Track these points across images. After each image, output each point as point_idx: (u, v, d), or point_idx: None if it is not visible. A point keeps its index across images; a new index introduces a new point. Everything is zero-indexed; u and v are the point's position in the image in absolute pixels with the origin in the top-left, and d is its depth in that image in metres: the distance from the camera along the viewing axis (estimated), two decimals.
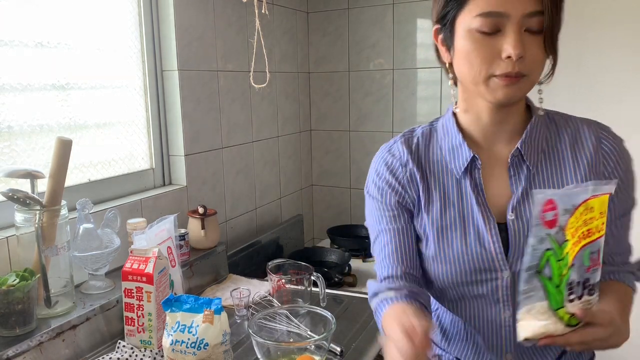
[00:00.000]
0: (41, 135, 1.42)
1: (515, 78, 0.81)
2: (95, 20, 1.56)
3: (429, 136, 0.97)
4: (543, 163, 0.90)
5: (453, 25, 0.85)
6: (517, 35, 0.79)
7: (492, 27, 0.80)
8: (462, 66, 0.85)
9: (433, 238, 0.93)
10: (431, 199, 0.93)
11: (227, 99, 2.00)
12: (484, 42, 0.81)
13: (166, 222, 1.42)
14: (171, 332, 1.12)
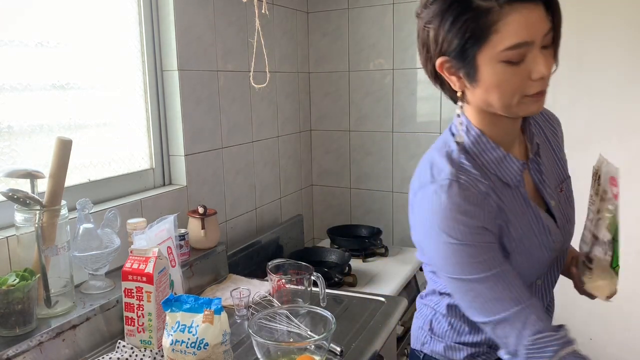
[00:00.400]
0: (41, 135, 1.42)
1: (543, 91, 0.86)
2: (95, 20, 1.56)
3: (469, 158, 0.93)
4: (545, 150, 1.03)
5: (474, 60, 0.84)
6: (544, 56, 0.82)
7: (520, 57, 0.82)
8: (491, 95, 0.86)
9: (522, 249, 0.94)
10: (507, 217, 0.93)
11: (227, 99, 2.00)
12: (514, 70, 0.82)
13: (166, 222, 1.42)
14: (171, 332, 1.12)
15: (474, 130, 0.94)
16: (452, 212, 0.87)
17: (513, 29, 0.80)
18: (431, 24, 0.87)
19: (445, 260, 0.90)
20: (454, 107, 0.97)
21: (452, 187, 0.87)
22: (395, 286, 1.92)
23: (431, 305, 1.12)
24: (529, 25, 0.80)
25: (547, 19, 0.81)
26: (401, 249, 2.33)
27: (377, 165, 2.52)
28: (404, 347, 1.88)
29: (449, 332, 1.08)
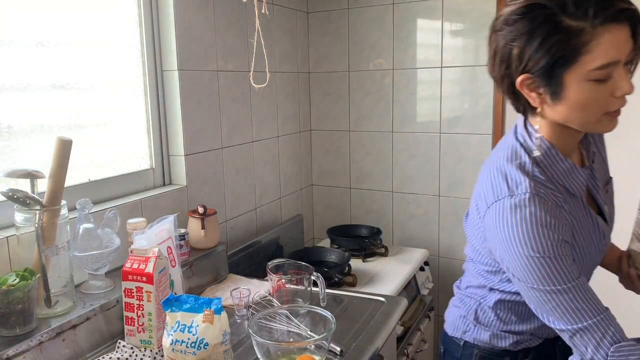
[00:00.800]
0: (41, 135, 1.42)
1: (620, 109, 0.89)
2: (95, 20, 1.56)
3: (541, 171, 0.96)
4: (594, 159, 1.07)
5: (561, 78, 0.86)
6: (626, 74, 0.85)
7: (607, 75, 0.84)
8: (575, 112, 0.89)
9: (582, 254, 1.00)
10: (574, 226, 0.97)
11: (227, 99, 2.00)
12: (600, 89, 0.85)
13: (166, 222, 1.42)
14: (171, 331, 1.12)
15: (544, 144, 0.96)
16: (536, 225, 0.88)
17: (604, 49, 0.81)
18: (515, 42, 0.87)
19: (527, 273, 0.91)
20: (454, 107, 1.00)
21: (534, 200, 0.89)
22: (395, 286, 1.92)
23: (476, 297, 1.15)
24: (618, 45, 0.82)
25: (631, 38, 0.83)
26: (401, 249, 2.33)
27: (377, 165, 2.52)
28: (404, 347, 1.88)
29: (495, 321, 1.12)
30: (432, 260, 2.44)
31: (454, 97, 2.28)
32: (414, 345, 1.96)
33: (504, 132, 2.21)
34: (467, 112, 2.26)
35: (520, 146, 0.98)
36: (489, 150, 2.24)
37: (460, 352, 1.18)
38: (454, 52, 2.27)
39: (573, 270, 0.90)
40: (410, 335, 1.95)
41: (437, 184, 2.40)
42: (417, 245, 2.47)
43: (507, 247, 0.92)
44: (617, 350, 0.87)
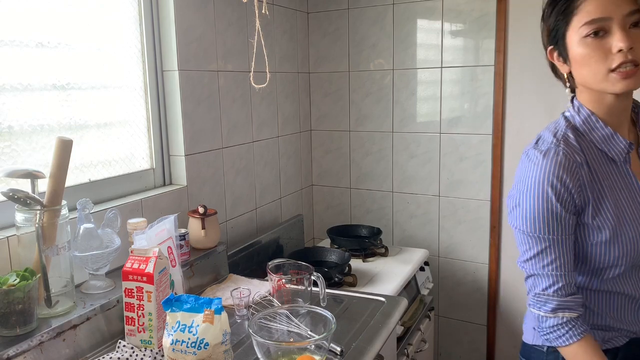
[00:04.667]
0: (41, 135, 1.42)
1: (632, 70, 0.93)
2: (95, 20, 1.56)
3: (577, 134, 1.04)
4: None
5: (564, 40, 1.00)
6: (623, 31, 0.92)
7: (598, 29, 0.94)
8: (582, 70, 0.99)
9: (610, 224, 1.00)
10: (602, 188, 1.02)
11: (227, 99, 2.00)
12: (596, 44, 0.95)
13: (166, 222, 1.42)
14: (171, 331, 1.12)
15: (584, 110, 1.04)
16: (542, 171, 1.00)
17: (590, 8, 0.94)
18: (542, 21, 1.05)
19: (521, 213, 1.02)
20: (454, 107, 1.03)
21: (550, 152, 1.00)
22: (395, 286, 1.92)
23: None
24: (605, 5, 0.93)
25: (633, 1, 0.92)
26: (401, 249, 2.33)
27: (377, 165, 2.52)
28: (404, 347, 1.88)
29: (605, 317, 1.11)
30: (432, 260, 2.44)
31: (454, 97, 2.28)
32: (414, 345, 1.96)
33: (504, 132, 2.22)
34: (467, 112, 2.27)
35: (563, 119, 1.08)
36: (489, 150, 2.25)
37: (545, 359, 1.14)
38: (454, 52, 2.27)
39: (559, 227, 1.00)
40: (410, 335, 1.95)
41: (437, 184, 2.40)
42: (417, 245, 2.47)
43: (516, 185, 1.04)
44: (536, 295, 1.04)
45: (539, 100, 2.13)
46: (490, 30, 2.17)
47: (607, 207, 1.00)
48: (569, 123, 1.05)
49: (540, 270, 1.02)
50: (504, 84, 2.19)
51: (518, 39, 2.13)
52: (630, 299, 1.08)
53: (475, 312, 2.43)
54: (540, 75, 2.11)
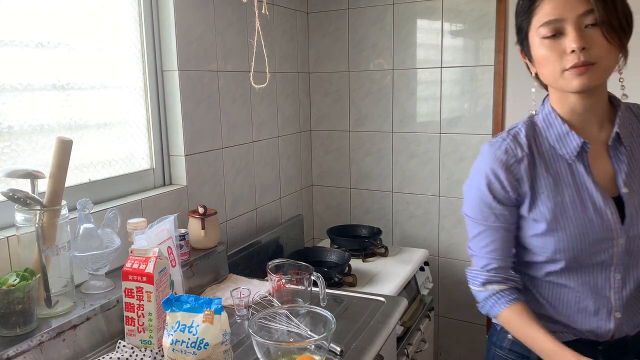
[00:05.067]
0: (41, 135, 1.42)
1: (584, 67, 0.94)
2: (95, 21, 1.56)
3: (533, 130, 1.09)
4: (635, 144, 1.05)
5: (528, 40, 1.02)
6: (576, 32, 0.93)
7: (554, 31, 0.95)
8: (543, 70, 1.01)
9: (546, 219, 1.04)
10: (544, 184, 1.05)
11: (227, 99, 2.00)
12: (553, 45, 0.96)
13: (166, 222, 1.42)
14: (171, 331, 1.12)
15: (547, 108, 1.08)
16: (483, 163, 1.08)
17: (546, 10, 0.96)
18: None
19: (465, 197, 1.13)
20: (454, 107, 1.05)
21: (494, 146, 1.08)
22: (395, 286, 1.92)
23: None
24: (559, 6, 0.94)
25: (587, 1, 0.93)
26: (401, 249, 2.33)
27: (377, 165, 2.52)
28: (404, 347, 1.88)
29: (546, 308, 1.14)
30: (432, 260, 2.44)
31: (454, 97, 2.28)
32: (414, 345, 1.96)
33: None
34: (467, 112, 2.27)
35: (528, 116, 1.12)
36: None
37: (496, 335, 1.20)
38: (454, 52, 2.27)
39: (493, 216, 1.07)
40: (410, 335, 1.95)
41: (437, 184, 2.40)
42: (417, 245, 2.47)
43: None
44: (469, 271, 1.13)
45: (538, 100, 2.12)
46: (490, 30, 2.17)
47: (544, 203, 1.04)
48: (530, 120, 1.10)
49: (478, 251, 1.11)
50: (504, 84, 2.19)
51: None
52: (574, 295, 1.08)
53: (475, 312, 2.42)
54: None
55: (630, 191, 1.03)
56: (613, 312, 1.06)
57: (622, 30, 0.95)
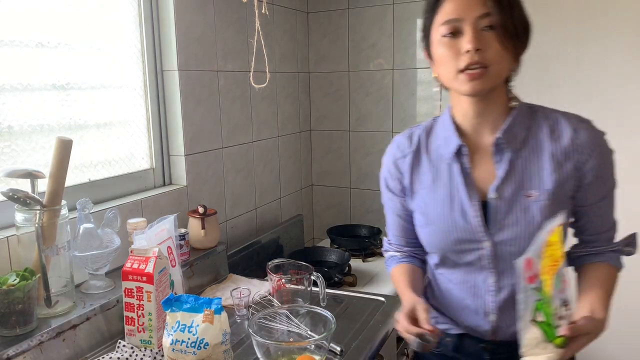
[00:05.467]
0: (41, 135, 1.42)
1: (477, 72, 0.95)
2: (95, 21, 1.56)
3: (430, 129, 1.14)
4: (523, 149, 1.03)
5: (429, 38, 1.03)
6: (473, 33, 0.95)
7: (453, 30, 0.97)
8: (440, 69, 1.02)
9: (425, 211, 1.11)
10: (424, 180, 1.11)
11: (227, 99, 2.00)
12: (450, 44, 0.97)
13: (166, 222, 1.42)
14: (171, 331, 1.12)
15: (446, 110, 1.11)
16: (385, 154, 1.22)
17: (447, 9, 0.97)
18: None
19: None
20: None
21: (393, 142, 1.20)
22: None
23: None
24: (459, 6, 0.96)
25: (484, 3, 0.94)
26: None
27: (377, 165, 2.50)
28: (404, 347, 1.88)
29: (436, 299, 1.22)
30: None
31: None
32: None
33: None
34: None
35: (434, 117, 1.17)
36: None
37: None
38: None
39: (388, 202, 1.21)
40: None
41: None
42: None
43: None
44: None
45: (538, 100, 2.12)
46: None
47: (423, 197, 1.11)
48: (434, 119, 1.15)
49: (387, 225, 1.26)
50: None
51: None
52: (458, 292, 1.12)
53: None
54: (540, 75, 2.11)
55: (499, 197, 1.03)
56: (489, 314, 1.09)
57: (517, 37, 0.97)
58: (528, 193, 1.01)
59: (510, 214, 1.02)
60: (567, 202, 1.03)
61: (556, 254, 0.89)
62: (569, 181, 1.01)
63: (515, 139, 1.03)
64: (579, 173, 1.01)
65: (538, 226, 0.99)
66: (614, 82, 2.04)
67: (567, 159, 1.01)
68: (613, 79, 2.04)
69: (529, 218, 1.01)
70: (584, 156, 1.01)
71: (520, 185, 1.02)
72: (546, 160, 1.02)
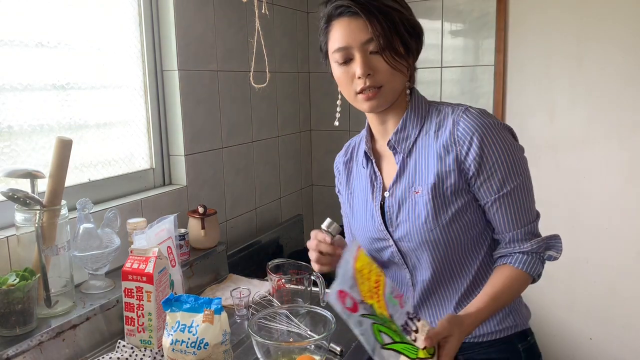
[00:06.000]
0: (41, 135, 1.42)
1: (372, 93, 1.00)
2: (95, 20, 1.56)
3: (360, 137, 1.21)
4: (413, 150, 1.06)
5: (328, 59, 1.07)
6: (361, 59, 0.98)
7: (345, 58, 1.00)
8: (342, 90, 1.08)
9: (351, 213, 1.19)
10: (352, 181, 1.20)
11: (227, 99, 2.00)
12: (345, 69, 1.01)
13: (166, 222, 1.42)
14: (171, 331, 1.12)
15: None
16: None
17: (336, 37, 1.01)
18: None
19: None
20: None
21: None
22: None
23: None
24: (345, 35, 0.99)
25: (367, 29, 0.97)
26: None
27: None
28: None
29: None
30: None
31: (454, 96, 2.28)
32: None
33: None
34: None
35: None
36: None
37: None
38: (454, 52, 2.27)
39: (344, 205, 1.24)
40: None
41: None
42: None
43: None
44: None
45: (539, 100, 2.13)
46: (490, 30, 2.17)
47: (350, 197, 1.19)
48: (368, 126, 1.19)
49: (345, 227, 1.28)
50: (504, 83, 2.19)
51: (518, 39, 2.13)
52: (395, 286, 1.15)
53: None
54: (540, 75, 2.11)
55: (391, 196, 1.07)
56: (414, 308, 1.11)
57: (406, 54, 1.00)
58: (416, 189, 1.04)
59: (401, 211, 1.05)
60: (454, 198, 1.01)
61: (371, 276, 0.88)
62: (450, 175, 1.00)
63: (407, 140, 1.06)
64: (462, 166, 1.00)
65: (425, 221, 1.02)
66: (614, 82, 2.04)
67: (447, 152, 1.01)
68: (613, 79, 2.04)
69: (417, 213, 1.03)
70: (464, 148, 0.99)
71: (410, 183, 1.05)
72: (432, 156, 1.03)
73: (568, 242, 1.15)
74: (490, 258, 1.08)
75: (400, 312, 0.87)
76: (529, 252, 1.02)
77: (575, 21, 2.03)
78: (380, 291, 0.87)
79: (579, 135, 2.09)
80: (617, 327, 2.16)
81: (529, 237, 1.02)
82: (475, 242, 1.06)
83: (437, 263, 1.06)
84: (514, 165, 1.00)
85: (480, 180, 1.00)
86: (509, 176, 0.99)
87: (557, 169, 2.17)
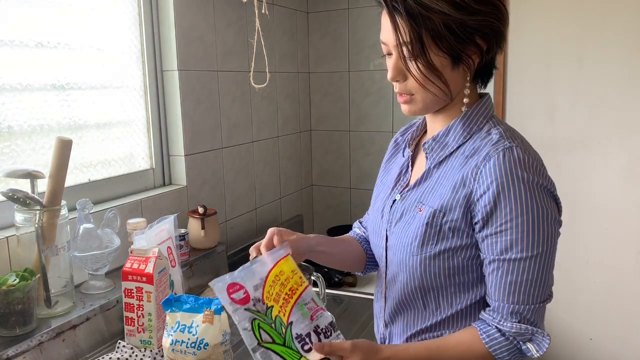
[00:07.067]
0: (41, 135, 1.42)
1: (404, 99, 0.91)
2: (95, 21, 1.56)
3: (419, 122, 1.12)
4: (443, 164, 0.93)
5: None
6: (393, 61, 0.91)
7: (386, 51, 0.93)
8: None
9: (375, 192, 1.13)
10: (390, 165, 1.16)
11: (227, 99, 2.00)
12: (388, 62, 0.94)
13: (166, 222, 1.42)
14: (171, 332, 1.12)
15: None
16: None
17: (382, 27, 0.94)
18: None
19: None
20: None
21: None
22: None
23: None
24: (383, 30, 0.93)
25: (394, 32, 0.88)
26: None
27: (376, 165, 2.51)
28: None
29: None
30: None
31: None
32: None
33: None
34: None
35: None
36: None
37: None
38: None
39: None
40: None
41: None
42: None
43: None
44: None
45: (539, 100, 2.13)
46: None
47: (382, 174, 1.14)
48: None
49: None
50: (504, 84, 2.19)
51: (518, 39, 2.13)
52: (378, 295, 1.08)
53: None
54: (540, 75, 2.11)
55: (400, 199, 0.97)
56: (382, 319, 1.04)
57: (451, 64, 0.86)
58: (420, 207, 0.92)
59: (400, 221, 0.95)
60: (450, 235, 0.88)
61: (288, 283, 0.85)
62: (455, 210, 0.87)
63: (443, 149, 0.93)
64: (471, 206, 0.86)
65: (410, 243, 0.91)
66: (614, 83, 2.04)
67: (463, 185, 0.86)
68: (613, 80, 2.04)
69: (408, 232, 0.92)
70: (481, 189, 0.84)
71: (420, 198, 0.93)
72: (450, 182, 0.89)
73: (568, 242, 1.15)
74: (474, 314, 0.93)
75: (306, 324, 0.84)
76: (507, 335, 0.86)
77: (576, 22, 2.03)
78: (292, 299, 0.84)
79: (579, 135, 2.09)
80: (617, 327, 2.16)
81: (515, 318, 0.85)
82: (458, 291, 0.92)
83: (410, 289, 0.94)
84: (534, 233, 0.83)
85: (485, 232, 0.85)
86: (521, 243, 0.83)
87: (557, 169, 2.17)
